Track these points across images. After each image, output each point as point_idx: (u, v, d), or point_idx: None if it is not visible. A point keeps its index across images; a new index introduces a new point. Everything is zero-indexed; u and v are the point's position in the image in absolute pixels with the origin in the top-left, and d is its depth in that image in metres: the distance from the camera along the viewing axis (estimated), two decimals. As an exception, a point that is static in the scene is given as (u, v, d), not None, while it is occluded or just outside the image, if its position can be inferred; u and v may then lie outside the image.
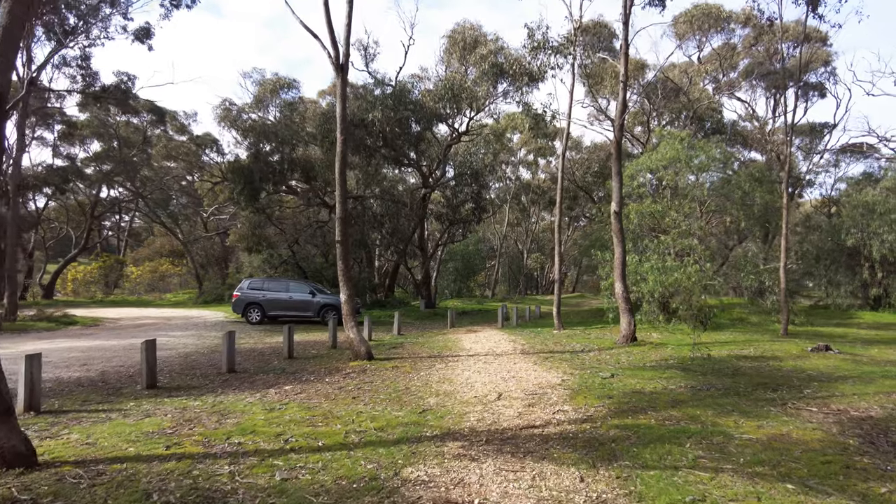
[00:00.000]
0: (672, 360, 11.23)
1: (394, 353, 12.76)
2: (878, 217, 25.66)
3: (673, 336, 15.69)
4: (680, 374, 9.63)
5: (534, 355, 12.00)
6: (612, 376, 9.36)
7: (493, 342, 14.44)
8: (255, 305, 21.99)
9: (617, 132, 13.77)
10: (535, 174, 52.59)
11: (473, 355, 12.07)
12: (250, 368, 11.26)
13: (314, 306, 21.78)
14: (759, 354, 12.04)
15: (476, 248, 42.30)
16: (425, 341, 15.11)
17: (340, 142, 11.81)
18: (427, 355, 12.16)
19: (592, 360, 11.42)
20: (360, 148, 21.35)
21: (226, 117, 29.25)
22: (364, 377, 9.71)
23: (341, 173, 11.75)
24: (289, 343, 12.69)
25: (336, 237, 11.76)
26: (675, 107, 27.23)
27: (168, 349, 14.04)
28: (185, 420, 6.96)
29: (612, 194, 13.75)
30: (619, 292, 13.49)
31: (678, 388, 8.45)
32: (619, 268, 13.56)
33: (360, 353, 11.21)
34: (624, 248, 13.67)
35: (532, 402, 7.55)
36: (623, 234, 13.76)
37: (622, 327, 13.46)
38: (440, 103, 21.65)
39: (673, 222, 19.49)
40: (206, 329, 19.58)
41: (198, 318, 25.34)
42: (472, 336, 16.13)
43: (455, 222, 27.92)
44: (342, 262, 11.62)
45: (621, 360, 11.38)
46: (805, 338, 15.74)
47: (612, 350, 12.68)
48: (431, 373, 9.93)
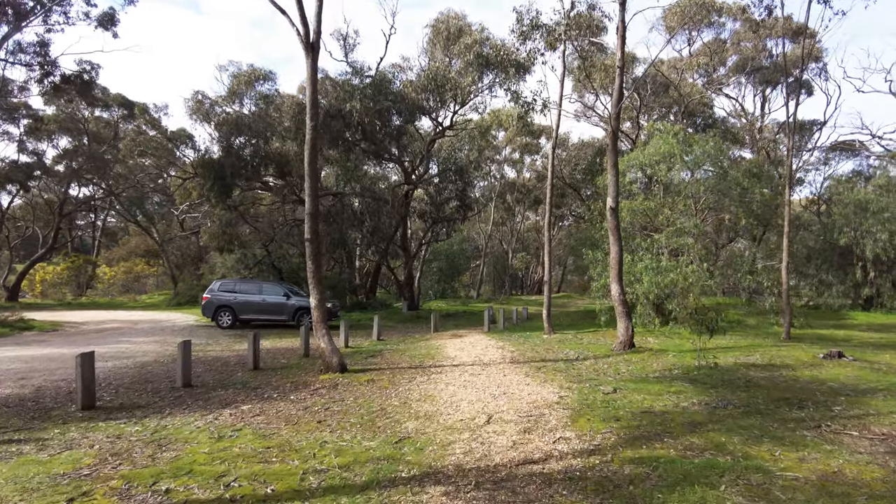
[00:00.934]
0: (676, 370, 10.24)
1: (371, 363, 11.60)
2: (871, 215, 25.14)
3: (671, 341, 14.75)
4: (689, 388, 8.62)
5: (525, 365, 10.93)
6: (615, 391, 8.32)
7: (479, 349, 13.35)
8: (226, 308, 20.69)
9: (613, 122, 12.77)
10: (520, 173, 51.73)
11: (459, 365, 10.96)
12: (209, 382, 10.07)
13: (289, 309, 20.53)
14: (768, 362, 11.10)
15: (461, 247, 41.17)
16: (406, 348, 13.96)
17: (310, 128, 10.62)
18: (407, 365, 11.02)
19: (589, 370, 10.38)
20: (337, 141, 20.09)
21: (198, 110, 27.79)
22: (334, 394, 8.55)
23: (311, 164, 10.57)
24: (254, 352, 11.49)
25: (305, 234, 10.58)
26: (666, 101, 26.44)
27: (124, 358, 12.77)
28: (113, 454, 5.77)
29: (608, 189, 12.75)
30: (616, 294, 12.48)
31: (692, 406, 7.43)
32: (615, 268, 12.56)
33: (331, 365, 10.03)
34: (621, 246, 12.67)
35: (528, 426, 6.46)
36: (620, 231, 12.76)
37: (619, 332, 12.45)
38: (423, 94, 20.49)
39: (666, 220, 18.60)
40: (172, 334, 18.22)
41: (167, 321, 23.96)
42: (457, 342, 15.02)
43: (439, 221, 26.79)
44: (312, 262, 10.44)
45: (621, 370, 10.36)
46: (809, 342, 14.92)
47: (610, 358, 11.66)
48: (411, 388, 8.80)
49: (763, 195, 18.44)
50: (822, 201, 31.09)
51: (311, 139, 10.59)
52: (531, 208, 53.38)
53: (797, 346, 13.65)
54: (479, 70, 20.41)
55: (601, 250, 18.31)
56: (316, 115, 10.70)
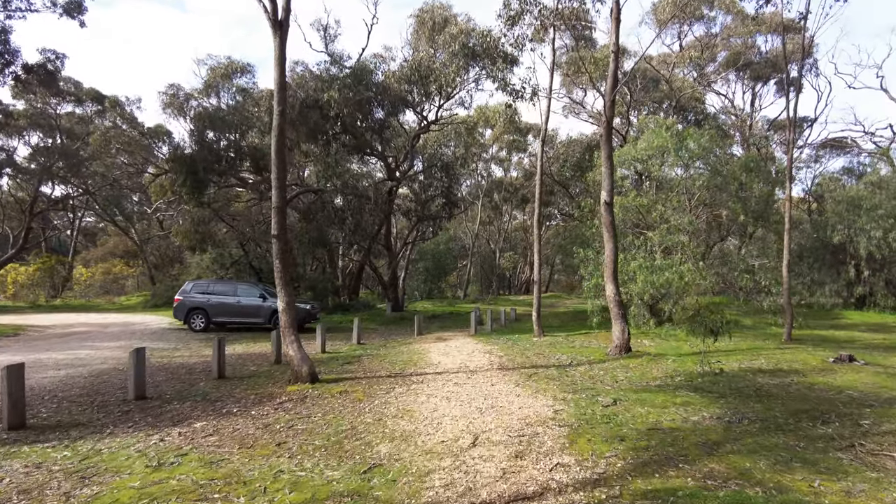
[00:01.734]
0: (679, 377, 9.41)
1: (347, 370, 10.63)
2: (864, 213, 24.65)
3: (668, 343, 13.97)
4: (696, 398, 7.79)
5: (514, 372, 10.05)
6: (615, 403, 7.46)
7: (465, 354, 12.44)
8: (199, 311, 19.59)
9: (607, 111, 11.94)
10: (507, 171, 50.97)
11: (442, 373, 10.04)
12: (167, 393, 9.05)
13: (265, 311, 19.45)
14: (775, 367, 10.33)
15: (447, 247, 40.20)
16: (387, 353, 13.01)
17: (277, 114, 9.65)
18: (386, 374, 10.08)
19: (585, 377, 9.51)
20: (315, 135, 19.04)
21: (172, 104, 26.57)
22: (301, 409, 7.59)
23: (278, 153, 9.60)
24: (219, 359, 10.49)
25: (272, 230, 9.61)
26: (657, 96, 25.75)
27: (79, 366, 11.69)
28: (22, 490, 4.80)
29: (602, 182, 11.92)
30: (611, 295, 11.64)
31: (704, 421, 6.59)
32: (610, 266, 11.72)
33: (300, 375, 9.06)
34: (616, 244, 11.85)
35: (520, 449, 5.56)
36: (615, 228, 11.93)
37: (614, 336, 11.61)
38: (406, 85, 19.55)
39: (659, 217, 17.85)
40: (141, 338, 17.11)
41: (140, 324, 22.79)
42: (441, 346, 14.10)
43: (424, 219, 25.84)
44: (279, 260, 9.46)
45: (619, 377, 9.51)
46: (811, 343, 14.23)
47: (605, 364, 10.81)
48: (388, 401, 7.86)
49: (762, 190, 17.76)
50: (814, 199, 30.65)
51: (278, 125, 9.61)
52: (518, 207, 52.63)
53: (801, 348, 12.93)
54: (464, 60, 19.49)
55: (593, 248, 17.52)
56: (284, 100, 9.73)
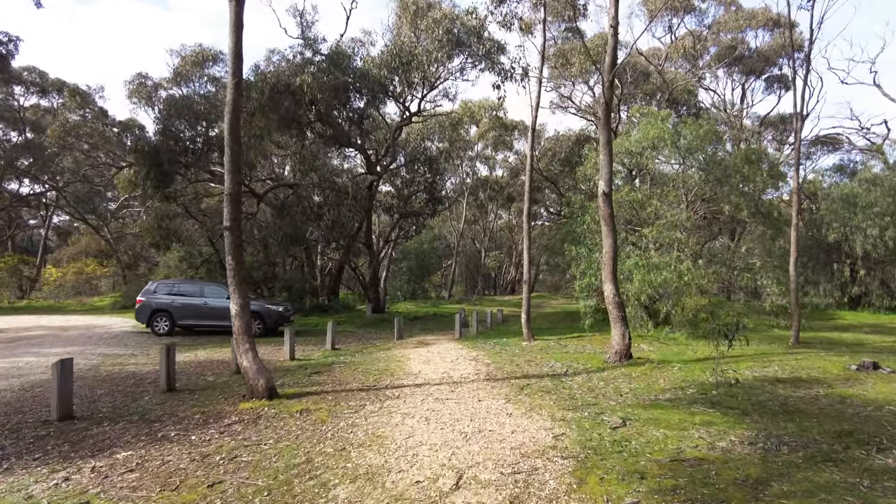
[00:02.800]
0: (690, 389, 8.30)
1: (314, 382, 9.36)
2: (860, 210, 23.96)
3: (668, 348, 12.91)
4: (717, 416, 6.68)
5: (504, 383, 8.86)
6: (625, 423, 6.31)
7: (449, 361, 11.23)
8: (163, 313, 18.22)
9: (606, 91, 10.83)
10: (493, 169, 49.99)
11: (422, 385, 8.81)
12: (101, 411, 7.75)
13: (234, 314, 18.06)
14: (793, 376, 9.28)
15: (431, 246, 38.92)
16: (362, 361, 11.75)
17: (232, 87, 8.37)
18: (358, 386, 8.83)
19: (584, 389, 8.36)
20: (288, 123, 17.66)
21: (138, 92, 25.03)
22: (251, 432, 6.33)
23: (232, 132, 8.33)
24: (167, 370, 9.18)
25: (224, 220, 8.34)
26: (649, 89, 24.81)
27: (12, 377, 10.31)
28: None
29: (600, 171, 10.81)
30: (610, 296, 10.52)
31: (734, 448, 5.46)
32: (609, 264, 10.59)
33: (256, 389, 7.77)
34: (615, 239, 10.72)
35: (515, 492, 4.37)
36: (614, 221, 10.81)
37: (614, 341, 10.48)
38: (385, 71, 18.27)
39: (654, 213, 16.83)
40: (98, 344, 15.64)
41: (102, 327, 21.28)
42: (423, 352, 12.87)
43: (406, 215, 24.56)
44: (232, 256, 8.19)
45: (622, 389, 8.37)
46: (820, 347, 13.28)
47: (605, 372, 9.67)
48: (356, 423, 6.62)
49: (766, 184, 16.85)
50: (806, 196, 29.98)
51: (232, 101, 8.33)
52: (504, 206, 51.70)
53: (812, 353, 11.93)
54: (448, 46, 18.28)
55: (585, 245, 16.43)
56: (239, 72, 8.44)
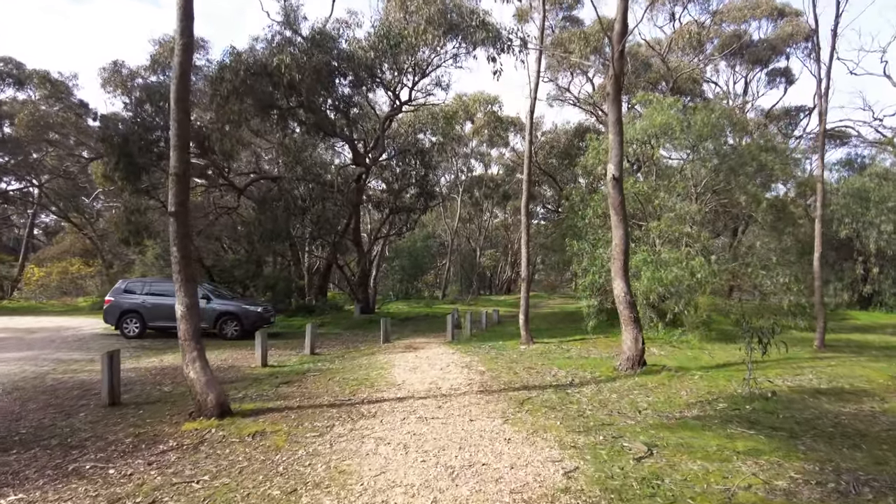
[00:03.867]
0: (720, 403, 7.07)
1: (280, 395, 8.08)
2: (873, 206, 22.83)
3: (681, 352, 11.69)
4: (761, 440, 5.44)
5: (500, 396, 7.60)
6: (651, 452, 5.07)
7: (438, 369, 9.95)
8: (133, 314, 16.89)
9: (616, 62, 9.60)
10: (488, 166, 48.84)
11: (405, 398, 7.54)
12: (21, 431, 6.52)
13: (209, 315, 16.73)
14: (834, 386, 8.07)
15: (425, 244, 37.61)
16: (341, 368, 10.47)
17: (180, 48, 7.06)
18: (330, 401, 7.54)
19: (595, 404, 7.11)
20: (266, 109, 16.30)
21: (112, 80, 23.62)
22: (185, 464, 5.05)
23: (179, 100, 7.02)
24: (110, 381, 7.90)
25: (169, 205, 7.06)
26: (652, 77, 23.63)
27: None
28: None
29: (609, 153, 9.57)
30: (621, 294, 9.27)
31: (799, 490, 4.22)
32: (619, 259, 9.34)
33: (205, 406, 6.48)
34: (626, 230, 9.48)
35: (518, 568, 3.11)
36: (625, 209, 9.57)
37: (625, 345, 9.23)
38: (372, 52, 16.98)
39: (661, 206, 15.64)
40: (59, 348, 14.26)
41: (72, 329, 19.88)
42: (410, 357, 11.59)
43: (397, 211, 23.27)
44: (178, 247, 6.91)
45: (640, 403, 7.13)
46: (849, 351, 12.10)
47: (616, 382, 8.42)
48: (318, 451, 5.34)
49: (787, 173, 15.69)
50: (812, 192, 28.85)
51: (179, 65, 7.03)
52: (500, 205, 50.54)
53: (844, 358, 10.74)
54: (442, 28, 17.00)
55: (587, 240, 15.20)
56: (188, 31, 7.12)
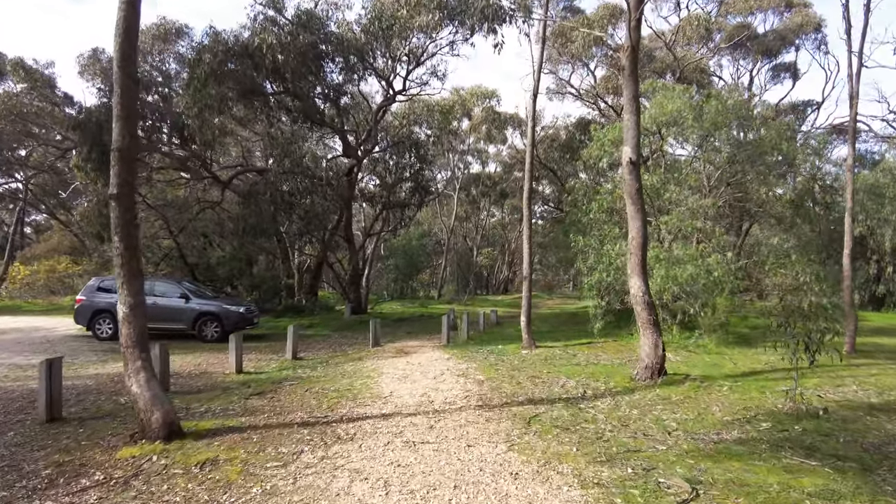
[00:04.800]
0: (763, 423, 6.00)
1: (247, 409, 6.97)
2: (888, 202, 21.88)
3: (698, 357, 10.64)
4: (831, 476, 4.38)
5: (503, 413, 6.51)
6: (696, 493, 4.00)
7: (431, 377, 8.86)
8: (106, 314, 15.79)
9: (633, 32, 8.50)
10: (485, 163, 47.87)
11: (391, 415, 6.45)
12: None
13: (188, 315, 15.64)
14: (888, 400, 7.03)
15: (420, 242, 36.44)
16: (323, 375, 9.37)
17: (124, 3, 5.96)
18: (303, 418, 6.44)
19: (614, 422, 6.04)
20: (248, 94, 15.10)
21: (90, 67, 22.48)
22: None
23: (123, 61, 5.93)
24: (48, 394, 6.82)
25: (110, 188, 5.97)
26: (657, 67, 22.62)
27: None
28: None
29: (625, 135, 8.50)
30: (639, 294, 8.18)
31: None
32: (637, 253, 8.25)
33: (148, 426, 5.37)
34: (645, 221, 8.39)
35: None
36: (643, 198, 8.48)
37: (643, 352, 8.14)
38: (363, 35, 15.87)
39: (670, 200, 14.60)
40: (22, 351, 13.09)
41: (46, 330, 18.72)
42: (401, 363, 10.49)
43: (390, 206, 22.15)
44: (120, 237, 5.81)
45: (667, 422, 6.06)
46: (882, 356, 11.05)
47: (636, 395, 7.34)
48: (277, 489, 4.24)
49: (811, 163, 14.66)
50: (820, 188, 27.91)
51: (123, 19, 5.92)
52: (497, 203, 49.58)
53: (883, 365, 9.70)
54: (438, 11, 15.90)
55: (594, 236, 14.14)
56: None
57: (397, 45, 17.49)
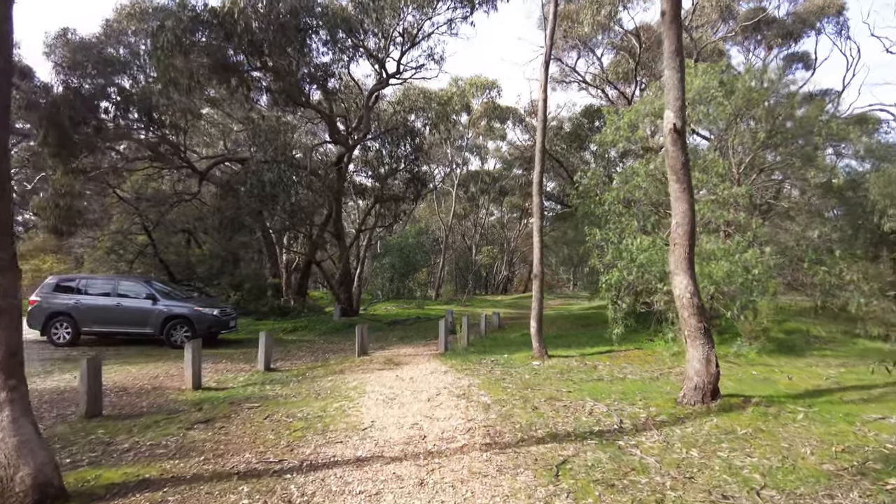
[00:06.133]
0: (884, 473, 4.35)
1: (179, 448, 5.29)
2: (923, 194, 20.21)
3: (741, 370, 8.97)
4: None
5: (519, 454, 4.85)
6: None
7: (425, 398, 7.18)
8: (63, 317, 14.10)
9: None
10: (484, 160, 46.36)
11: (367, 461, 4.79)
12: None
13: (155, 318, 13.93)
14: None
15: (417, 240, 34.72)
16: (293, 395, 7.69)
17: None
18: (247, 466, 4.77)
19: (673, 472, 4.37)
20: (220, 70, 13.33)
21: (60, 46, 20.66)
22: None
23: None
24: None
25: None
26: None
27: None
28: None
29: (667, 96, 6.86)
30: (686, 295, 6.49)
31: None
32: (683, 243, 6.55)
33: (9, 489, 3.72)
34: (692, 202, 6.72)
35: None
36: (689, 173, 6.80)
37: (691, 368, 6.46)
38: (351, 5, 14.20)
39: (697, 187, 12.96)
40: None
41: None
42: (389, 379, 8.80)
43: (384, 199, 20.47)
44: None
45: (742, 468, 4.39)
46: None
47: (688, 426, 5.67)
48: None
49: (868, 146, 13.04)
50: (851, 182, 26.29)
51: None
52: (496, 201, 48.01)
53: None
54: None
55: (610, 229, 12.46)
56: None
57: (390, 23, 15.83)
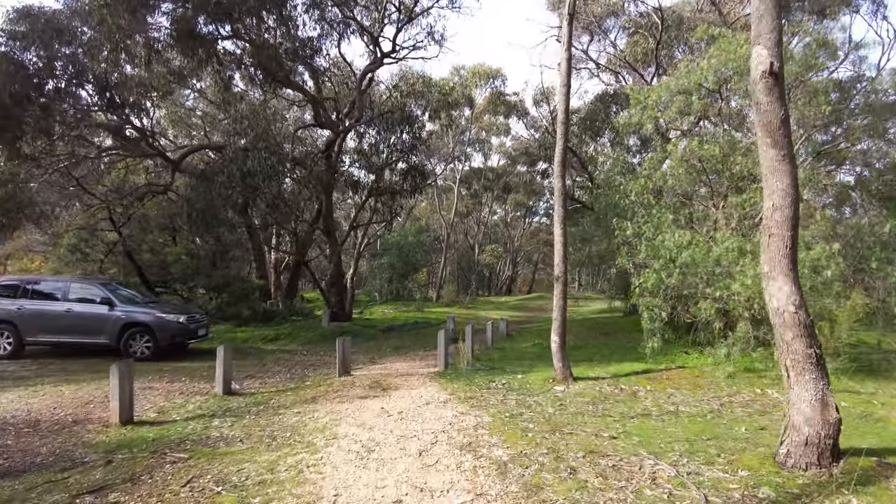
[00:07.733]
0: None
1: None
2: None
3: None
4: None
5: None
6: None
7: (414, 452, 5.23)
8: (3, 326, 12.27)
9: None
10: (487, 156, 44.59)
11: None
12: None
13: (111, 326, 12.05)
14: None
15: (417, 239, 32.83)
16: (242, 437, 5.75)
17: None
18: None
19: None
20: (182, 37, 11.35)
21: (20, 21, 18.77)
22: None
23: None
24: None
25: None
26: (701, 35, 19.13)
27: None
28: None
29: (755, 27, 4.89)
30: (790, 308, 4.47)
31: None
32: (781, 232, 4.50)
33: None
34: (795, 175, 4.71)
35: None
36: (790, 134, 4.78)
37: (796, 412, 4.49)
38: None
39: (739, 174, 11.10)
40: None
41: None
42: (370, 413, 6.85)
43: (379, 192, 18.54)
44: None
45: None
46: None
47: (816, 510, 3.74)
48: None
49: None
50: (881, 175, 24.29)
51: None
52: (500, 199, 46.20)
53: None
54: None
55: (642, 223, 10.53)
56: None
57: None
